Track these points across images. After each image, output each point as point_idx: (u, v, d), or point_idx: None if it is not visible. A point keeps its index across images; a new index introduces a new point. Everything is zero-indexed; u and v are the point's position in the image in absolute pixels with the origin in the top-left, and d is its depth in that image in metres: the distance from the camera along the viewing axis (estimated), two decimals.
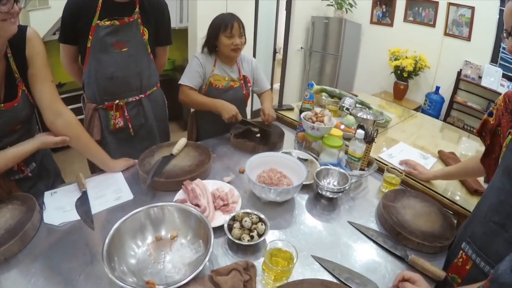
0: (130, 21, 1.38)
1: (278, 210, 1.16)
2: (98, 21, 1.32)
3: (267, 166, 1.30)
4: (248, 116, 2.19)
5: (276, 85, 4.21)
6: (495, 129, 0.98)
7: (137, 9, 1.39)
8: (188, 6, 3.27)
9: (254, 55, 3.48)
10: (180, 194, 1.13)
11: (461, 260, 0.91)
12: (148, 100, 1.57)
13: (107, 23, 1.34)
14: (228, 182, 1.25)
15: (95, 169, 1.40)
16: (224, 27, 1.57)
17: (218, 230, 0.98)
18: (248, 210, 1.03)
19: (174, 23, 3.62)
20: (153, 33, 1.50)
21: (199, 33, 3.14)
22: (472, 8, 3.22)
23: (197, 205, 1.04)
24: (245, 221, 0.97)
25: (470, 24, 3.28)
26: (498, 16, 3.07)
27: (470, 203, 1.30)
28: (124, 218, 0.90)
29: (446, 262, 1.00)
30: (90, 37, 1.34)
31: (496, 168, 1.02)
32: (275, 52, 4.31)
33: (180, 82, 1.65)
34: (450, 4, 3.37)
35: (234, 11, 1.68)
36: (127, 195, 1.17)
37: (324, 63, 4.29)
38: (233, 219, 1.00)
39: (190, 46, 3.35)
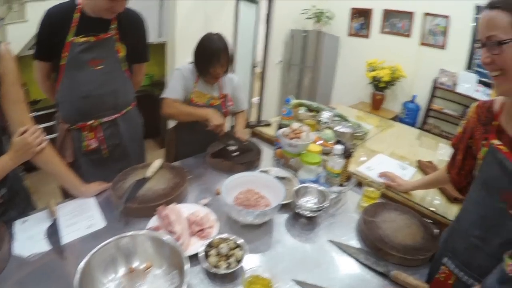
0: (106, 38, 1.35)
1: (257, 232, 1.13)
2: (74, 37, 1.28)
3: (244, 186, 1.27)
4: None
5: (255, 99, 4.19)
6: (467, 141, 0.99)
7: (114, 25, 1.36)
8: (167, 20, 3.25)
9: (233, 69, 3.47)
10: (153, 221, 1.08)
11: (443, 275, 0.91)
12: (123, 119, 1.53)
13: (83, 39, 1.29)
14: (205, 205, 1.22)
15: (67, 193, 1.34)
16: (211, 61, 1.54)
17: (195, 257, 0.94)
18: (225, 235, 0.99)
19: (153, 38, 3.57)
20: (130, 50, 1.46)
21: (177, 48, 3.12)
22: (447, 17, 3.35)
23: (172, 232, 1.00)
24: (222, 247, 0.94)
25: (445, 33, 3.41)
26: (472, 24, 3.18)
27: (451, 210, 1.32)
28: (92, 252, 0.84)
29: (428, 276, 0.99)
30: (65, 53, 1.29)
31: (464, 179, 1.04)
32: (254, 65, 4.31)
33: (163, 95, 1.60)
34: (426, 14, 3.50)
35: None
36: (99, 222, 1.12)
37: (302, 76, 4.31)
38: (210, 245, 0.97)
39: (169, 61, 3.32)
